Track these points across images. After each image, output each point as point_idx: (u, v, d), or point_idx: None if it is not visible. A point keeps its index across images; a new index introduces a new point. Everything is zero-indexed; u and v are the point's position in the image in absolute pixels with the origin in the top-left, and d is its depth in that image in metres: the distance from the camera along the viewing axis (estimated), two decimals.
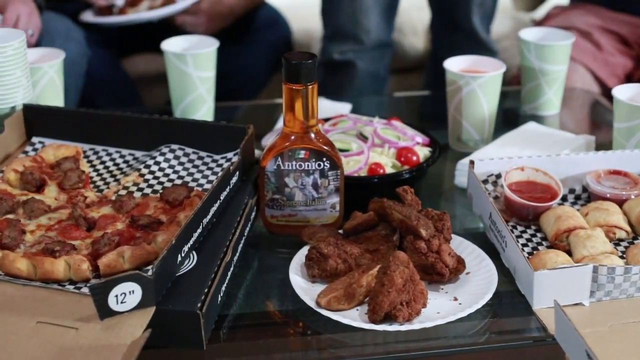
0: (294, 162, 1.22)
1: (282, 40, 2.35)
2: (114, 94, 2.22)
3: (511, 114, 1.76)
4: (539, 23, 2.26)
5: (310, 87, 1.19)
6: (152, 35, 2.09)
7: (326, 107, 1.71)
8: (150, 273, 0.99)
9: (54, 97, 1.55)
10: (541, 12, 2.53)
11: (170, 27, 2.12)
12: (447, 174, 1.49)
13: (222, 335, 1.08)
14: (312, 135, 1.21)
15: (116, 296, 0.98)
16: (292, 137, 1.21)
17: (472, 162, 1.31)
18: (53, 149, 1.32)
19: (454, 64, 1.56)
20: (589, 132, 1.64)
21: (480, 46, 2.19)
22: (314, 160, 1.22)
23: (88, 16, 2.10)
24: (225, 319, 1.10)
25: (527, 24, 2.47)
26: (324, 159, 1.22)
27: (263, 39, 2.30)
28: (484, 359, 1.09)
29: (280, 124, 1.45)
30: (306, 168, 1.22)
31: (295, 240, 1.23)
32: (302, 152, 1.21)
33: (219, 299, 1.08)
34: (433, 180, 1.48)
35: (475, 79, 1.50)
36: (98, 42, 2.20)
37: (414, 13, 2.54)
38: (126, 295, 0.98)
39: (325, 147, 1.22)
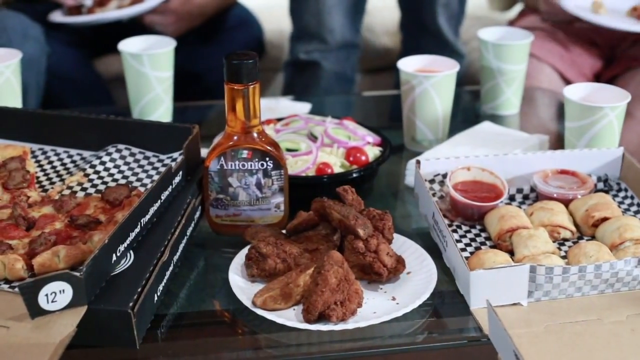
0: (237, 162, 1.22)
1: (253, 41, 2.34)
2: (84, 94, 2.22)
3: (471, 114, 1.76)
4: (511, 23, 2.26)
5: (252, 87, 1.19)
6: (124, 35, 2.09)
7: (285, 106, 1.71)
8: (81, 272, 0.99)
9: (11, 97, 1.55)
10: (516, 12, 2.52)
11: (141, 27, 2.12)
12: (401, 173, 1.48)
13: (160, 335, 1.08)
14: (255, 135, 1.21)
15: (46, 295, 0.98)
16: (235, 137, 1.21)
17: (418, 162, 1.31)
18: (0, 149, 1.32)
19: (408, 64, 1.55)
20: (548, 132, 1.63)
21: (447, 47, 2.19)
22: (257, 160, 1.22)
23: (57, 16, 2.10)
24: (164, 318, 1.10)
25: (502, 24, 2.46)
26: (267, 159, 1.22)
27: (234, 39, 2.30)
28: (420, 358, 1.09)
29: None
30: (249, 168, 1.22)
31: (242, 240, 1.22)
32: (245, 152, 1.21)
33: (155, 298, 1.08)
34: (386, 179, 1.48)
35: (428, 79, 1.50)
36: (69, 42, 2.20)
37: (386, 13, 2.54)
38: (56, 295, 0.99)
39: (268, 147, 1.22)
